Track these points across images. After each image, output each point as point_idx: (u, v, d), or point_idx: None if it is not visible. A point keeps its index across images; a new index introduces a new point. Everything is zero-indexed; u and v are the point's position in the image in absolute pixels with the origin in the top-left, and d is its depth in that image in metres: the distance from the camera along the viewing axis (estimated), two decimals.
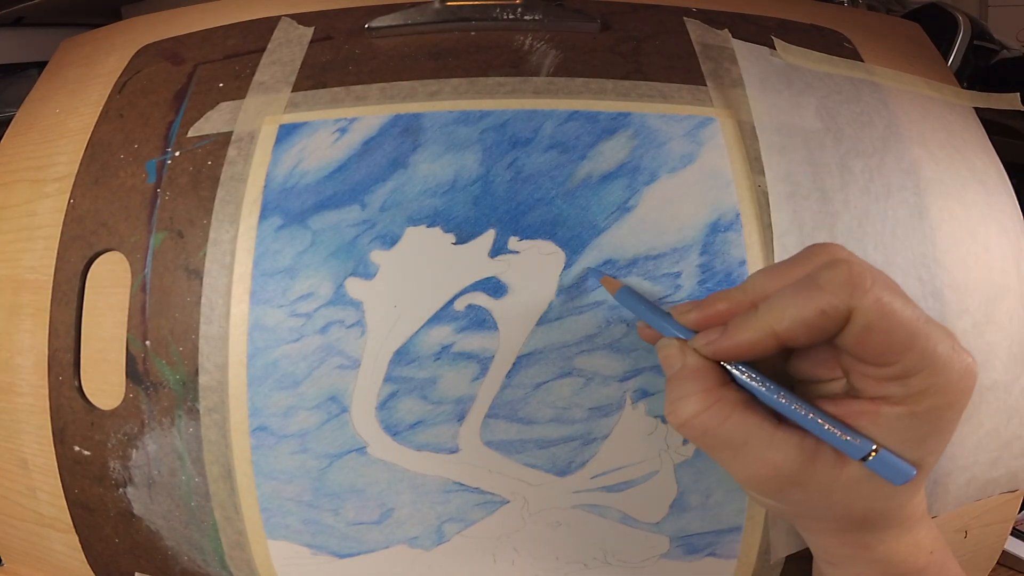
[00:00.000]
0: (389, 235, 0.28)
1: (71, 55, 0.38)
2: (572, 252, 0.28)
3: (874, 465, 0.21)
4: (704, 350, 0.22)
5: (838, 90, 0.32)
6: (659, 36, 0.32)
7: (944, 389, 0.20)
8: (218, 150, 0.30)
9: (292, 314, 0.28)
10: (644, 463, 0.28)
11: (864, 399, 0.21)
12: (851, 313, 0.19)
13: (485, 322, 0.28)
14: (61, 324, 0.30)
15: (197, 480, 0.29)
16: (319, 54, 0.32)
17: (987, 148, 0.34)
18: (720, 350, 0.22)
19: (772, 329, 0.20)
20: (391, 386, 0.28)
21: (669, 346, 0.23)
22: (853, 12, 0.42)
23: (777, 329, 0.20)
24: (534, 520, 0.28)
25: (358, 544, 0.29)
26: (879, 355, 0.20)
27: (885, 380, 0.20)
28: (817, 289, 0.19)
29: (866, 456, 0.21)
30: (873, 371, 0.20)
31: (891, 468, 0.21)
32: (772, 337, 0.20)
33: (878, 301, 0.19)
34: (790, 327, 0.20)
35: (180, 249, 0.29)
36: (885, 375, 0.20)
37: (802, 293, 0.20)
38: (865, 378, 0.21)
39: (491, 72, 0.30)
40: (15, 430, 0.32)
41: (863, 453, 0.21)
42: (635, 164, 0.29)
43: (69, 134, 0.33)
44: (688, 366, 0.22)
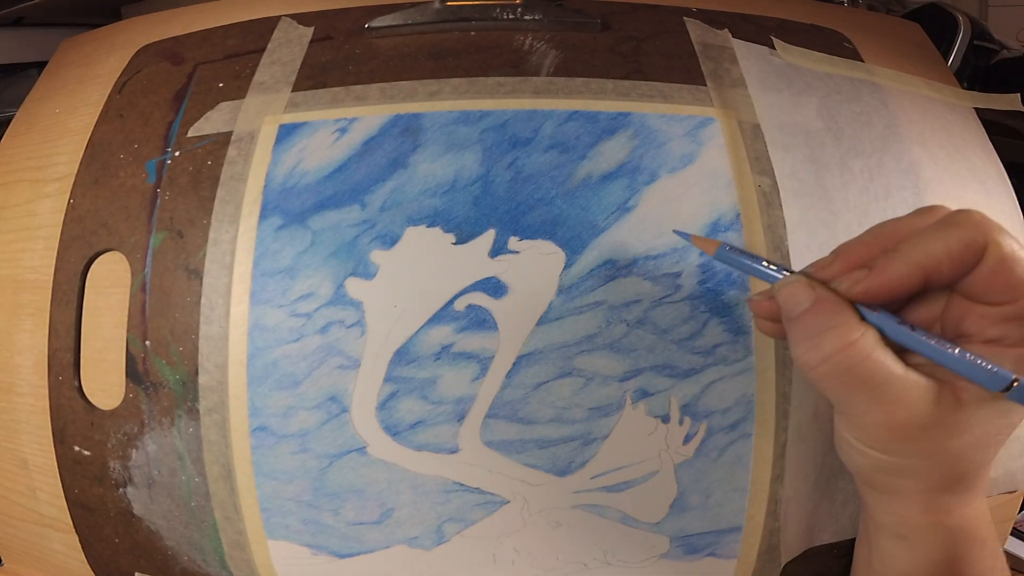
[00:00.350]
0: (389, 235, 0.28)
1: (71, 55, 0.38)
2: (572, 252, 0.28)
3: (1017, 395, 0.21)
4: (854, 289, 0.22)
5: (838, 90, 0.32)
6: (659, 36, 0.32)
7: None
8: (218, 150, 0.30)
9: (292, 314, 0.28)
10: (644, 463, 0.28)
11: (978, 342, 0.21)
12: (986, 247, 0.20)
13: (485, 322, 0.28)
14: (61, 324, 0.30)
15: (197, 480, 0.29)
16: (319, 54, 0.32)
17: (987, 148, 0.34)
18: (872, 287, 0.21)
19: (920, 263, 0.21)
20: (391, 386, 0.28)
21: (795, 283, 0.22)
22: (853, 12, 0.42)
23: (925, 263, 0.21)
24: (534, 520, 0.28)
25: (358, 544, 0.29)
26: (1005, 290, 0.20)
27: (1004, 320, 0.21)
28: (958, 226, 0.21)
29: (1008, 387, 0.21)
30: (994, 311, 0.21)
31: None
32: (920, 271, 0.21)
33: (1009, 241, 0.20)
34: (939, 260, 0.21)
35: (180, 249, 0.29)
36: (1005, 314, 0.21)
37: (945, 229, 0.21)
38: (983, 319, 0.21)
39: (491, 72, 0.30)
40: (15, 430, 0.32)
41: (1005, 383, 0.21)
42: (635, 164, 0.29)
43: (69, 134, 0.33)
44: (825, 298, 0.22)
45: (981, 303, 0.21)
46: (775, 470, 0.28)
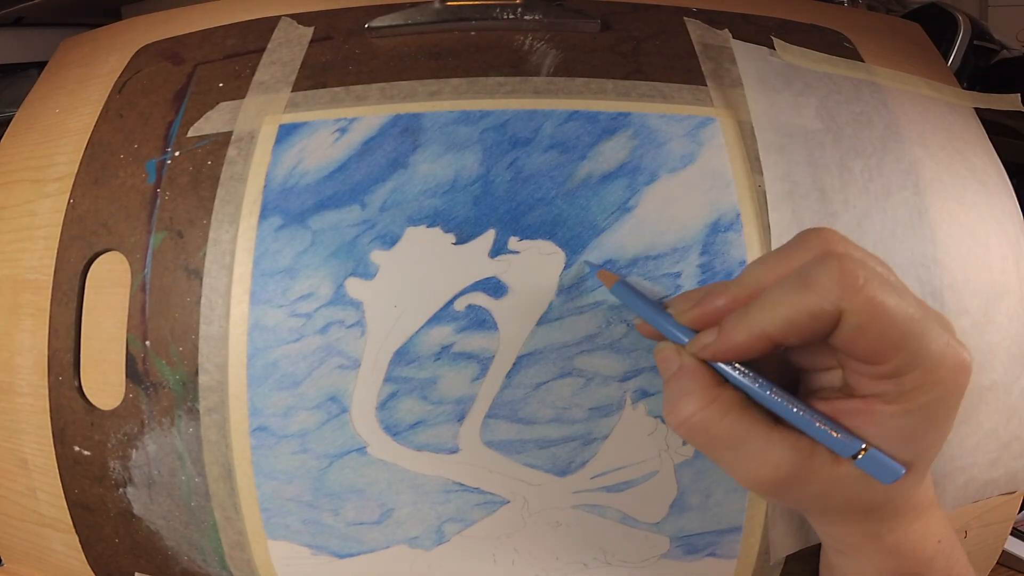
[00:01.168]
0: (389, 235, 0.28)
1: (71, 55, 0.38)
2: (572, 252, 0.28)
3: (864, 464, 0.21)
4: (701, 354, 0.22)
5: (838, 90, 0.32)
6: (659, 36, 0.32)
7: (937, 385, 0.20)
8: (218, 150, 0.30)
9: (292, 314, 0.28)
10: (644, 463, 0.28)
11: (858, 397, 0.21)
12: (841, 314, 0.19)
13: (485, 322, 0.28)
14: (61, 324, 0.30)
15: (197, 480, 0.29)
16: (319, 54, 0.32)
17: (987, 148, 0.34)
18: (717, 353, 0.22)
19: (764, 331, 0.20)
20: (391, 386, 0.28)
21: (665, 349, 0.24)
22: (853, 12, 0.42)
23: (769, 331, 0.20)
24: (534, 520, 0.28)
25: (358, 544, 0.29)
26: (870, 355, 0.20)
27: (878, 378, 0.20)
28: (806, 289, 0.19)
29: (856, 455, 0.21)
30: (866, 369, 0.20)
31: (880, 467, 0.21)
32: (765, 339, 0.20)
33: (869, 301, 0.19)
34: (781, 329, 0.20)
35: (180, 249, 0.29)
36: (877, 373, 0.20)
37: (791, 293, 0.20)
38: (858, 376, 0.21)
39: (491, 72, 0.30)
40: (15, 430, 0.32)
41: (853, 451, 0.21)
42: (635, 164, 0.29)
43: (69, 134, 0.33)
44: (685, 366, 0.23)
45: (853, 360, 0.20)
46: None
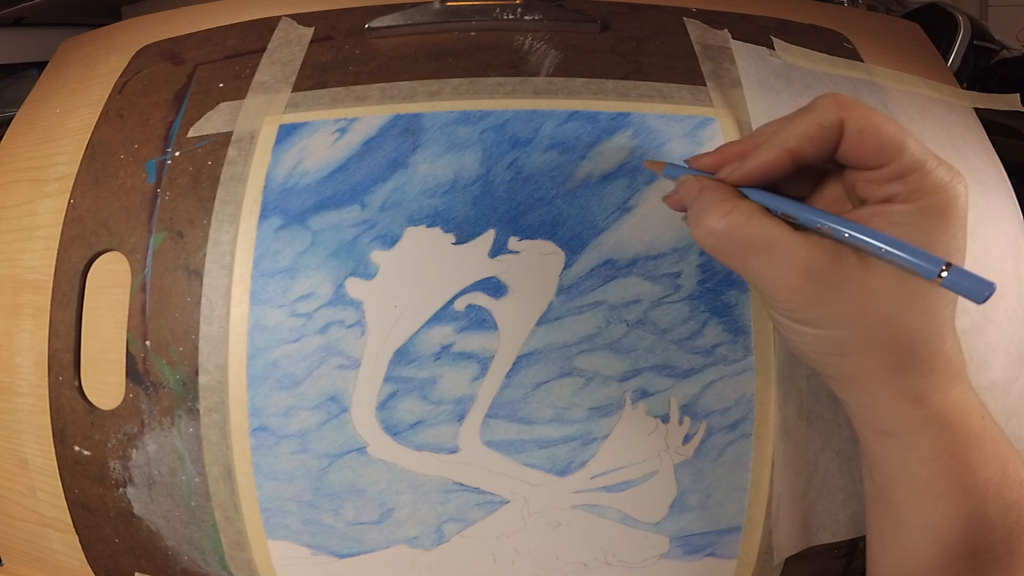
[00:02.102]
0: (389, 235, 0.28)
1: (71, 55, 0.38)
2: (572, 252, 0.28)
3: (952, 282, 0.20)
4: (730, 177, 0.24)
5: (838, 90, 0.32)
6: (659, 36, 0.32)
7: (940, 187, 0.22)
8: (218, 150, 0.30)
9: (292, 314, 0.28)
10: (644, 463, 0.28)
11: (874, 203, 0.23)
12: (843, 124, 0.22)
13: (485, 322, 0.28)
14: (61, 324, 0.30)
15: (197, 480, 0.29)
16: (319, 54, 0.32)
17: (987, 148, 0.34)
18: (745, 173, 0.23)
19: (784, 147, 0.23)
20: (391, 386, 0.28)
21: (687, 179, 0.25)
22: (853, 12, 0.42)
23: (788, 146, 0.23)
24: (534, 520, 0.28)
25: (358, 544, 0.29)
26: (875, 154, 0.22)
27: (886, 181, 0.22)
28: (811, 110, 0.22)
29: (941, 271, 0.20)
30: (874, 175, 0.22)
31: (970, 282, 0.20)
32: (785, 154, 0.23)
33: (864, 112, 0.22)
34: (797, 142, 0.22)
35: (180, 249, 0.29)
36: (885, 175, 0.22)
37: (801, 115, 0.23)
38: (869, 184, 0.22)
39: (491, 72, 0.30)
40: (15, 430, 0.32)
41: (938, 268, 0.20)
42: (635, 164, 0.29)
43: (69, 134, 0.33)
44: (706, 185, 0.24)
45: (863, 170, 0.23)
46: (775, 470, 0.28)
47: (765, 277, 0.23)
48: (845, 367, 0.24)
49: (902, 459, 0.24)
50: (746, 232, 0.22)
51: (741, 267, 0.23)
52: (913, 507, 0.24)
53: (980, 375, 0.30)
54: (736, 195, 0.23)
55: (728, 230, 0.23)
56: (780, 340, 0.28)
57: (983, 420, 0.23)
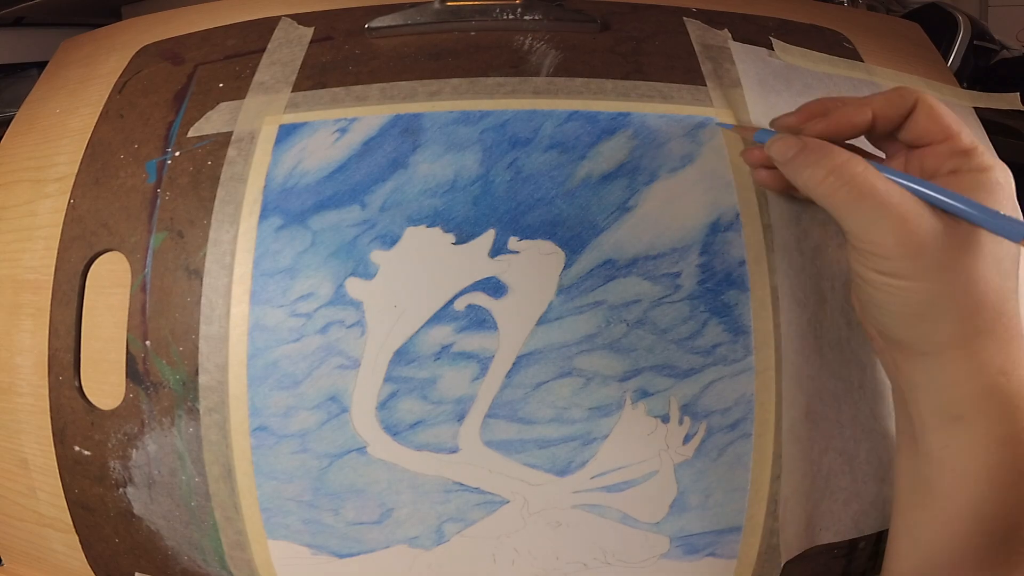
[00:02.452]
0: (389, 235, 0.28)
1: (71, 55, 0.38)
2: (572, 252, 0.28)
3: None
4: (814, 129, 0.25)
5: (838, 90, 0.32)
6: (659, 36, 0.32)
7: (996, 167, 0.24)
8: (218, 150, 0.30)
9: (292, 314, 0.28)
10: (644, 463, 0.28)
11: (943, 175, 0.24)
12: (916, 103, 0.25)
13: (485, 322, 0.28)
14: (61, 324, 0.30)
15: (197, 480, 0.29)
16: (319, 54, 0.32)
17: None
18: (829, 126, 0.25)
19: (865, 103, 0.25)
20: (391, 386, 0.28)
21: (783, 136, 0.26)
22: (853, 12, 0.42)
23: (868, 103, 0.25)
24: (534, 520, 0.28)
25: (358, 544, 0.29)
26: (943, 129, 0.24)
27: (951, 155, 0.24)
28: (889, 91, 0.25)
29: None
30: (940, 148, 0.24)
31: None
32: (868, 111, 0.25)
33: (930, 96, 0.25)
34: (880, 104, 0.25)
35: (180, 249, 0.29)
36: (951, 149, 0.24)
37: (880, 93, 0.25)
38: (937, 157, 0.25)
39: (491, 72, 0.30)
40: (15, 430, 0.32)
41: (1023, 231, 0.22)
42: (635, 164, 0.29)
43: (69, 134, 0.33)
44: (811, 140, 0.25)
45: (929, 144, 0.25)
46: (775, 470, 0.28)
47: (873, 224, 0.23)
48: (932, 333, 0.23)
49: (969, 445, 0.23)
50: (866, 178, 0.23)
51: (849, 211, 0.23)
52: (964, 496, 0.24)
53: None
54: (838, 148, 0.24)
55: (850, 172, 0.23)
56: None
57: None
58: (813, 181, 0.24)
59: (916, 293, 0.23)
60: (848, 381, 0.29)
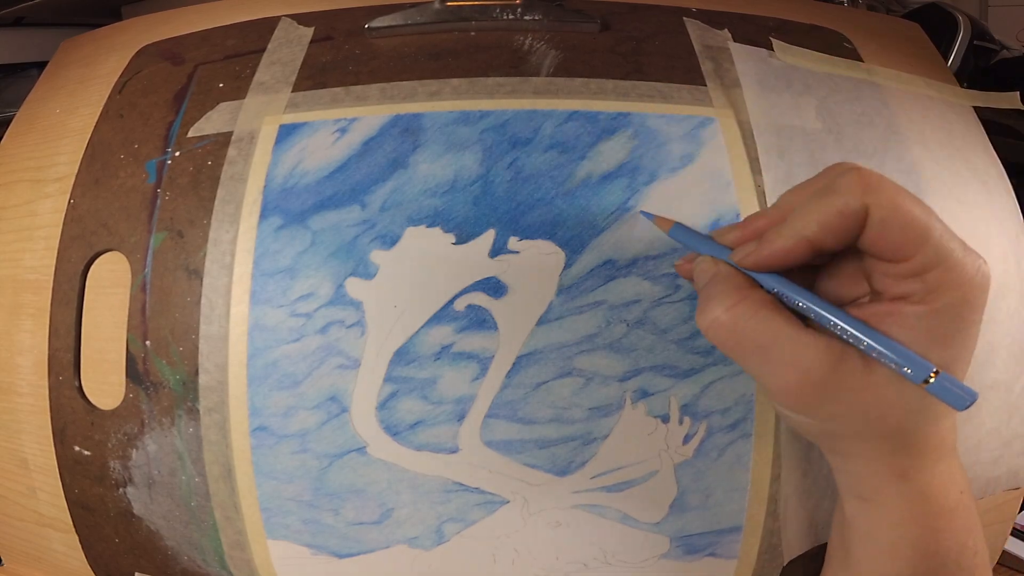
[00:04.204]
0: (389, 235, 0.28)
1: (71, 55, 0.38)
2: (572, 252, 0.28)
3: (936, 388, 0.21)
4: (744, 262, 0.23)
5: (838, 90, 0.32)
6: (659, 36, 0.32)
7: (960, 284, 0.21)
8: (218, 150, 0.30)
9: (292, 314, 0.28)
10: (644, 463, 0.28)
11: (886, 301, 0.22)
12: (867, 211, 0.20)
13: (485, 322, 0.28)
14: (61, 324, 0.30)
15: (197, 480, 0.29)
16: (319, 54, 0.32)
17: (987, 148, 0.34)
18: (760, 259, 0.23)
19: (801, 235, 0.22)
20: (391, 386, 0.28)
21: (703, 261, 0.24)
22: (853, 12, 0.42)
23: (806, 234, 0.21)
24: (534, 520, 0.28)
25: (358, 544, 0.29)
26: (896, 249, 0.21)
27: (904, 278, 0.21)
28: (834, 193, 0.21)
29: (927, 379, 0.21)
30: (892, 268, 0.21)
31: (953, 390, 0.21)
32: (804, 242, 0.22)
33: (891, 198, 0.20)
34: (816, 230, 0.21)
35: (180, 249, 0.29)
36: (903, 272, 0.21)
37: (822, 198, 0.21)
38: (885, 278, 0.22)
39: (491, 72, 0.30)
40: (15, 430, 0.32)
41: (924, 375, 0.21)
42: (635, 164, 0.29)
43: (69, 134, 0.33)
44: (720, 272, 0.23)
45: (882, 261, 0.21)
46: (775, 470, 0.28)
47: (763, 374, 0.23)
48: (835, 447, 0.24)
49: (874, 522, 0.24)
50: (749, 327, 0.22)
51: (741, 361, 0.23)
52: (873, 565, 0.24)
53: (983, 374, 0.30)
54: (748, 286, 0.23)
55: (732, 323, 0.22)
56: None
57: (961, 495, 0.24)
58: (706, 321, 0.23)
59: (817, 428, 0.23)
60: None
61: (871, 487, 0.24)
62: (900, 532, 0.24)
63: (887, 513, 0.24)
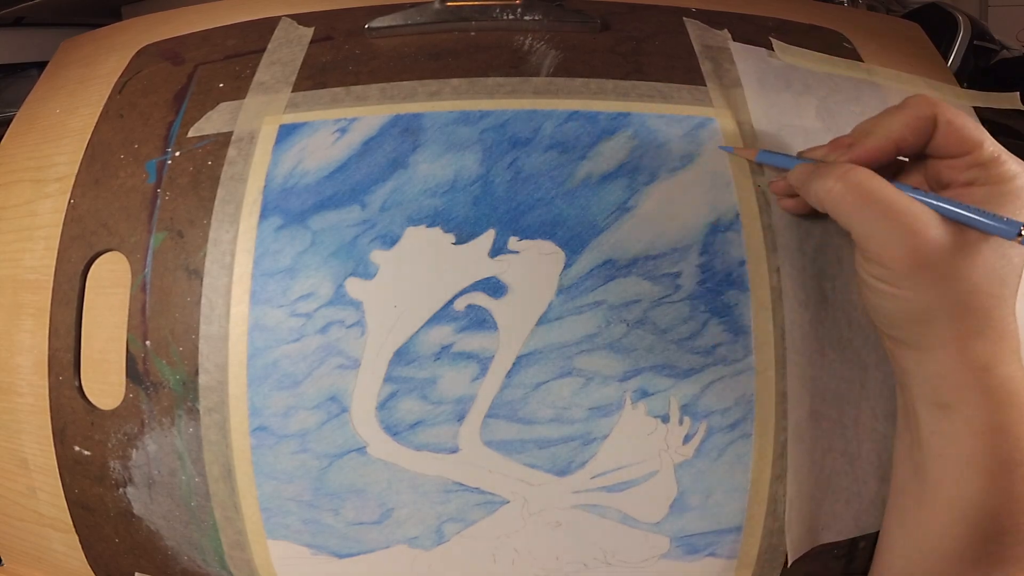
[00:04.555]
0: (389, 235, 0.28)
1: (71, 55, 0.38)
2: (572, 252, 0.28)
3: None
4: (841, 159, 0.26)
5: (838, 90, 0.32)
6: (659, 36, 0.32)
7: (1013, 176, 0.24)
8: (218, 150, 0.30)
9: (292, 314, 0.28)
10: (644, 463, 0.28)
11: (958, 187, 0.25)
12: (936, 117, 0.25)
13: (485, 322, 0.28)
14: (61, 324, 0.30)
15: (197, 480, 0.29)
16: (319, 54, 0.32)
17: None
18: (854, 156, 0.25)
19: (888, 136, 0.25)
20: (391, 386, 0.28)
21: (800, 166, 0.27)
22: (853, 12, 0.42)
23: (892, 135, 0.25)
24: (534, 520, 0.28)
25: (358, 544, 0.29)
26: (961, 143, 0.25)
27: (969, 167, 0.25)
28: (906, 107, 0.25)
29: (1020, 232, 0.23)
30: (958, 162, 0.25)
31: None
32: (890, 142, 0.25)
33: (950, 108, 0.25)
34: (900, 132, 0.25)
35: (180, 249, 0.29)
36: (968, 162, 0.25)
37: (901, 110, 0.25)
38: (954, 169, 0.25)
39: (491, 72, 0.30)
40: (15, 430, 0.32)
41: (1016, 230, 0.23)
42: (635, 164, 0.29)
43: (69, 134, 0.33)
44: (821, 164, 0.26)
45: (948, 158, 0.25)
46: (775, 470, 0.28)
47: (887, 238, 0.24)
48: (926, 334, 0.25)
49: (954, 431, 0.25)
50: (872, 184, 0.24)
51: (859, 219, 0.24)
52: (951, 482, 0.25)
53: None
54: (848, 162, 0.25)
55: (857, 181, 0.24)
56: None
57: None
58: (823, 190, 0.25)
59: (913, 303, 0.24)
60: (850, 381, 0.29)
61: (954, 386, 0.24)
62: (982, 440, 0.24)
63: (969, 419, 0.24)
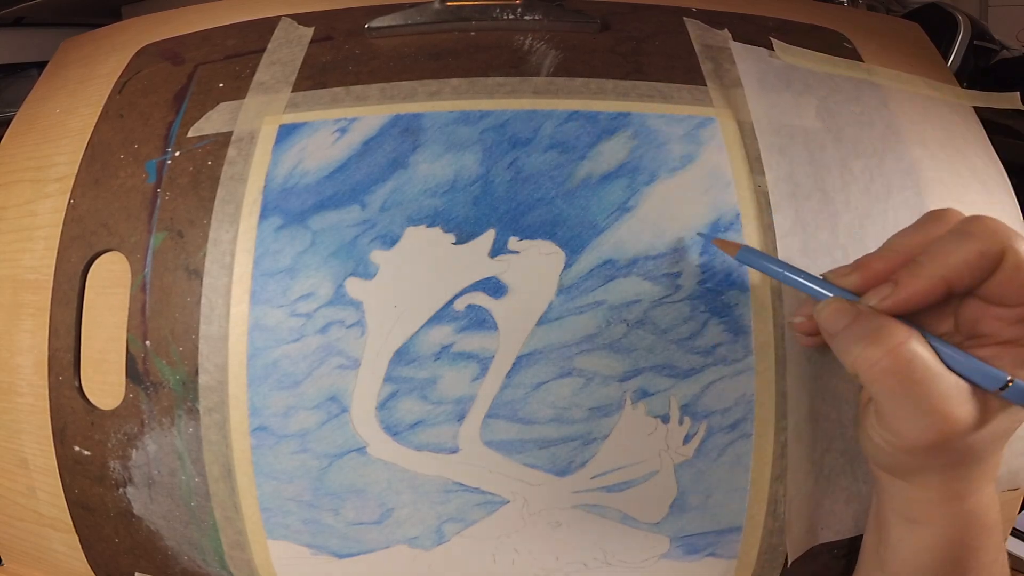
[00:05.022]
0: (389, 235, 0.28)
1: (71, 55, 0.38)
2: (572, 252, 0.28)
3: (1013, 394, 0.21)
4: (882, 305, 0.22)
5: (838, 90, 0.32)
6: (659, 36, 0.32)
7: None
8: (218, 150, 0.30)
9: (292, 314, 0.28)
10: (644, 463, 0.28)
11: (992, 344, 0.22)
12: (1004, 254, 0.21)
13: (485, 322, 0.28)
14: (61, 324, 0.30)
15: (197, 480, 0.29)
16: (319, 54, 0.32)
17: (987, 148, 0.34)
18: (899, 302, 0.22)
19: (943, 276, 0.22)
20: (391, 386, 0.28)
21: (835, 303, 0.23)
22: (853, 12, 0.42)
23: (947, 275, 0.21)
24: (534, 520, 0.28)
25: (358, 544, 0.29)
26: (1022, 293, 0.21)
27: (1019, 322, 0.22)
28: (974, 237, 0.21)
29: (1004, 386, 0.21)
30: (1009, 313, 0.22)
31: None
32: (943, 283, 0.22)
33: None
34: (957, 271, 0.21)
35: (180, 249, 0.29)
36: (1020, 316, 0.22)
37: (961, 240, 0.22)
38: (999, 321, 0.22)
39: (491, 72, 0.30)
40: (15, 430, 0.32)
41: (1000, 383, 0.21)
42: (635, 164, 0.29)
43: (69, 134, 0.33)
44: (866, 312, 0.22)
45: (997, 306, 0.22)
46: (775, 470, 0.28)
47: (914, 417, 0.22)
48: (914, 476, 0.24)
49: (920, 543, 0.25)
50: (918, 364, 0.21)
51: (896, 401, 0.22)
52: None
53: None
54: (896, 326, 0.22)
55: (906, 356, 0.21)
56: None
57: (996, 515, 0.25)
58: (864, 360, 0.22)
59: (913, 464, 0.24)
60: (849, 381, 0.29)
61: (924, 510, 0.24)
62: (944, 552, 0.24)
63: (934, 533, 0.24)
